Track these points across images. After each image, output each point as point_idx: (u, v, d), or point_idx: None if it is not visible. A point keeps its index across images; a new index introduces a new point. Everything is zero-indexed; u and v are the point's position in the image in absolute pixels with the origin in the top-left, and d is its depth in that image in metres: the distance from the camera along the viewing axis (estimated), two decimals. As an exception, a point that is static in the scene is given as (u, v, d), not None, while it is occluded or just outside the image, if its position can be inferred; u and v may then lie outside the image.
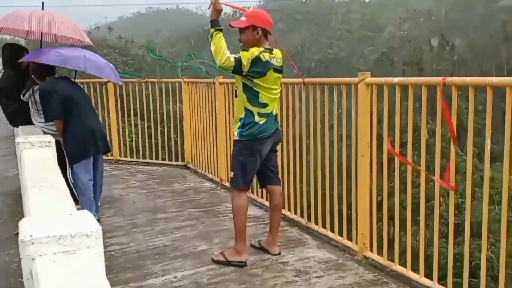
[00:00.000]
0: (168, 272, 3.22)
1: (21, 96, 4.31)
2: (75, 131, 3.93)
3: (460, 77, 2.75)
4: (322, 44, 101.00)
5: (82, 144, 3.94)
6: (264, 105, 3.25)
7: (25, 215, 2.09)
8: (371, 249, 3.40)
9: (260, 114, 3.25)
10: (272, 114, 3.32)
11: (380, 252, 3.36)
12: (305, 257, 3.44)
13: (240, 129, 3.28)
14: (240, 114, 3.29)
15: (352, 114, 3.49)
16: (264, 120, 3.26)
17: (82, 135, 3.94)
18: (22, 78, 4.41)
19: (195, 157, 6.47)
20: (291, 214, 4.28)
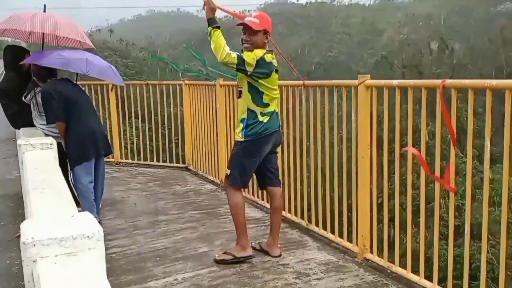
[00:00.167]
0: (169, 274, 3.22)
1: (23, 98, 4.32)
2: (76, 133, 3.94)
3: (459, 80, 2.76)
4: (322, 48, 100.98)
5: (83, 146, 3.94)
6: (267, 105, 3.30)
7: (27, 217, 2.09)
8: (372, 251, 3.41)
9: (263, 114, 3.29)
10: (274, 112, 3.36)
11: (381, 254, 3.37)
12: (306, 259, 3.45)
13: (244, 130, 3.30)
14: (242, 115, 3.32)
15: (352, 116, 3.50)
16: (267, 119, 3.30)
17: (83, 137, 3.94)
18: (24, 80, 4.41)
19: (196, 159, 6.48)
20: (292, 216, 4.29)
